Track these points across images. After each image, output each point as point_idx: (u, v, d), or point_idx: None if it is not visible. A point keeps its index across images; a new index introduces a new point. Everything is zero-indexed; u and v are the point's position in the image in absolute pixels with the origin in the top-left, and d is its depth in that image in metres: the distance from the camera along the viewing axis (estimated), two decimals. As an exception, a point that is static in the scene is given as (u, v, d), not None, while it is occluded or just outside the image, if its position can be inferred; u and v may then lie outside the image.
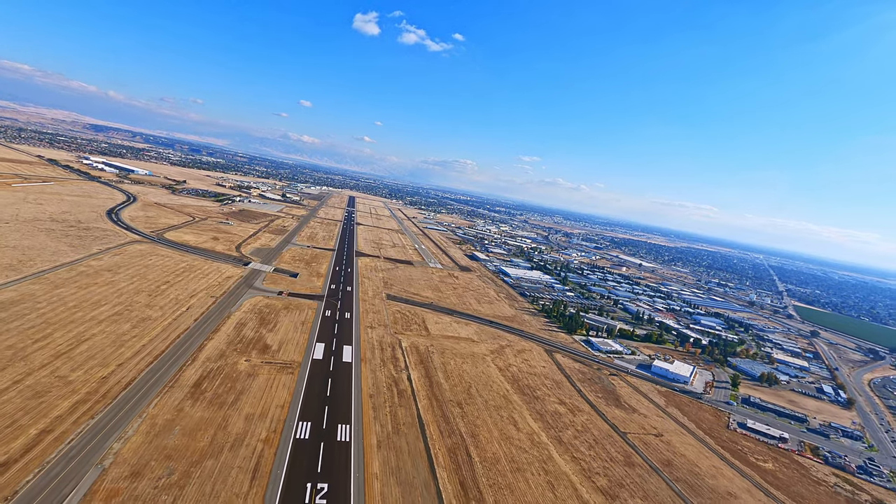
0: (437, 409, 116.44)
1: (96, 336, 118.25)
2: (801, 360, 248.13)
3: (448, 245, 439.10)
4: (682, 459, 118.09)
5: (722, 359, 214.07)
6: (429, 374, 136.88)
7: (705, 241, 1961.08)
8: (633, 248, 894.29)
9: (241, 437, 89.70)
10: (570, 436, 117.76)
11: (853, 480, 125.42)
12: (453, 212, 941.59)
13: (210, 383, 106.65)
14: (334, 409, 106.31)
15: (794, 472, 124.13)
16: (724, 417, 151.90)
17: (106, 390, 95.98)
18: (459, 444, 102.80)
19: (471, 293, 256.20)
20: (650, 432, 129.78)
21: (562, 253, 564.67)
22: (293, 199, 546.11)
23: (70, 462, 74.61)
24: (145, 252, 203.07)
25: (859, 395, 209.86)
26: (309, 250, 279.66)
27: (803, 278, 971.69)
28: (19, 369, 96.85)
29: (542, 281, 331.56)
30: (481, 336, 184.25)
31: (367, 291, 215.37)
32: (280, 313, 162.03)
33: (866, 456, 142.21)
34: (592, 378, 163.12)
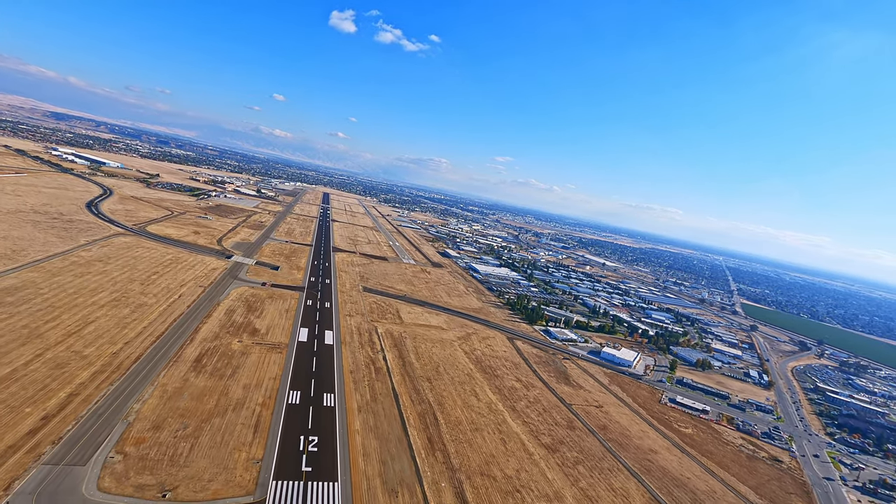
0: (409, 383, 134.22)
1: (100, 318, 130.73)
2: (737, 350, 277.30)
3: (421, 242, 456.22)
4: (616, 425, 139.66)
5: (665, 347, 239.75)
6: (402, 356, 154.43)
7: (670, 243, 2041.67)
8: (599, 248, 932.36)
9: (242, 401, 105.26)
10: (522, 406, 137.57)
11: (757, 442, 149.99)
12: (427, 210, 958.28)
13: (209, 359, 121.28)
14: (320, 382, 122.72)
15: (708, 435, 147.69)
16: (658, 394, 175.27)
17: (118, 363, 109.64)
18: (428, 410, 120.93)
19: (442, 287, 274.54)
20: (592, 404, 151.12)
21: (530, 252, 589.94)
22: (268, 195, 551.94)
23: (99, 418, 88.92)
24: (131, 244, 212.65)
25: (780, 379, 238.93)
26: (288, 245, 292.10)
27: (756, 279, 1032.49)
28: (38, 345, 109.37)
29: (509, 277, 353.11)
30: (450, 325, 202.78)
31: (345, 284, 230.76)
32: (265, 302, 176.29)
33: (773, 425, 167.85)
34: (547, 361, 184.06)
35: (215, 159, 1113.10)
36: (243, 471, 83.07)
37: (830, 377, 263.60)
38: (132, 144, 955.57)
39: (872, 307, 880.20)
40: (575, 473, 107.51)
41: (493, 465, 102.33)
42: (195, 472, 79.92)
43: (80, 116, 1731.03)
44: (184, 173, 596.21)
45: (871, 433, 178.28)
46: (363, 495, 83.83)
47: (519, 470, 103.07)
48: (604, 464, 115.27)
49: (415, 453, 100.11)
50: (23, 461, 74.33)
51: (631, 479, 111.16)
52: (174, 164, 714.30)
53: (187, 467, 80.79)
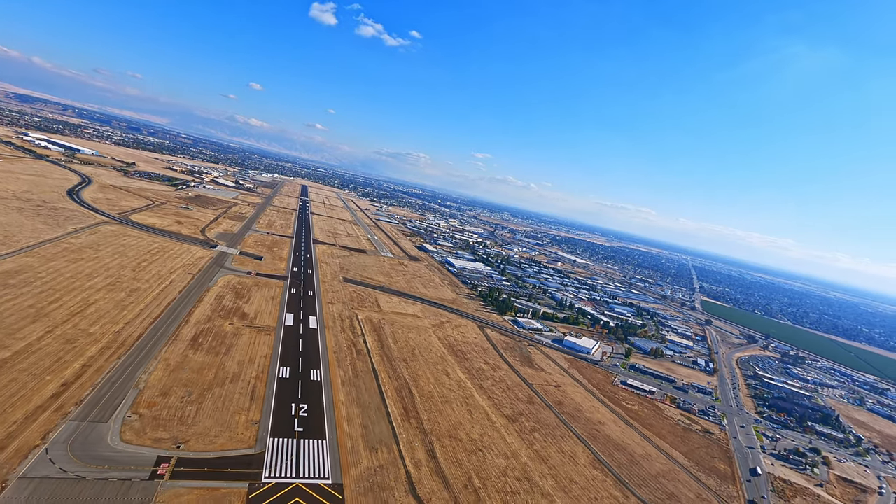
0: (387, 363, 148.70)
1: (99, 301, 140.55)
2: (689, 342, 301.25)
3: (399, 237, 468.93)
4: (571, 402, 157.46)
5: (623, 337, 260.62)
6: (381, 340, 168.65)
7: (641, 242, 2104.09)
8: (572, 245, 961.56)
9: (237, 374, 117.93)
10: (489, 384, 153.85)
11: (693, 418, 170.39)
12: (405, 205, 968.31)
13: (205, 339, 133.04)
14: (307, 360, 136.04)
15: (651, 412, 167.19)
16: (611, 377, 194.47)
17: (122, 340, 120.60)
18: (404, 385, 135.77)
19: (418, 279, 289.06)
20: (551, 384, 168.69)
21: (505, 248, 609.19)
22: (247, 187, 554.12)
23: (113, 385, 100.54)
24: (118, 233, 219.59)
25: (725, 367, 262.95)
26: (269, 237, 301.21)
27: (719, 278, 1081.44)
28: (46, 323, 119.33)
29: (483, 272, 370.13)
30: (425, 313, 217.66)
31: (326, 274, 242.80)
32: (252, 289, 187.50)
33: (710, 404, 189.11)
34: (514, 347, 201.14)
35: (190, 148, 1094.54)
36: (244, 430, 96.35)
37: (770, 366, 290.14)
38: (103, 130, 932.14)
39: (824, 306, 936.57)
40: (531, 438, 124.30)
41: (459, 430, 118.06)
42: (202, 430, 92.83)
43: (46, 99, 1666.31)
44: (159, 162, 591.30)
45: (795, 412, 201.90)
46: (348, 450, 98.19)
47: (482, 434, 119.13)
48: (556, 432, 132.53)
49: (392, 420, 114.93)
50: (52, 418, 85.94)
51: (579, 444, 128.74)
52: (149, 152, 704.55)
53: (195, 426, 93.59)
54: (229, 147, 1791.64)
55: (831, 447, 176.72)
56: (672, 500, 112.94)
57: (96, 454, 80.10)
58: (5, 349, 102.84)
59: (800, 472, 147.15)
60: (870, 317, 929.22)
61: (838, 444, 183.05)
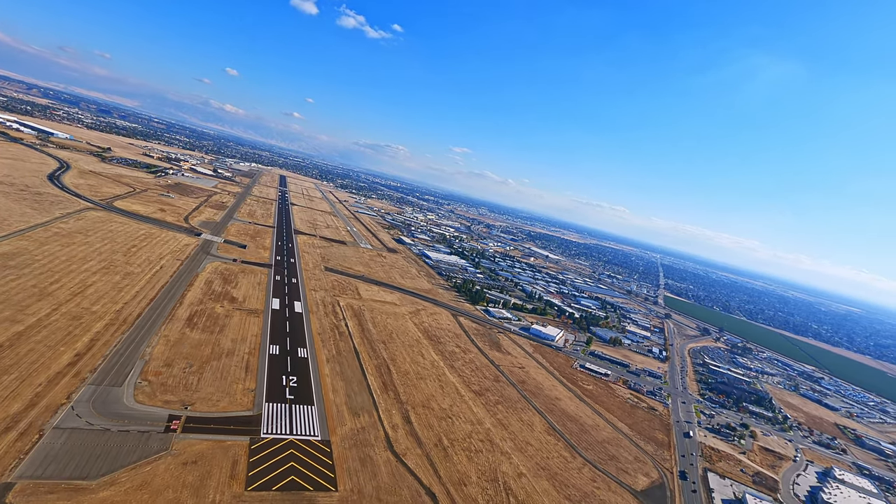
0: (367, 344, 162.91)
1: (97, 283, 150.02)
2: (647, 333, 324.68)
3: (378, 229, 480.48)
4: (533, 381, 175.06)
5: (586, 327, 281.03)
6: (361, 324, 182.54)
7: (614, 240, 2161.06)
8: (546, 241, 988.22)
9: (232, 350, 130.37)
10: (459, 364, 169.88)
11: (641, 397, 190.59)
12: (383, 197, 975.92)
13: (199, 319, 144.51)
14: (294, 340, 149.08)
15: (605, 391, 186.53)
16: (571, 361, 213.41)
17: (124, 318, 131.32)
18: (382, 363, 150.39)
19: (396, 270, 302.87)
20: (516, 366, 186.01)
21: (480, 242, 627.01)
22: (225, 176, 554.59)
23: (122, 356, 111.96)
24: (104, 219, 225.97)
25: (677, 355, 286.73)
26: (251, 226, 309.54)
27: (685, 276, 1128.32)
28: (51, 301, 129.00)
29: (459, 264, 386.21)
30: (403, 302, 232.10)
31: (308, 263, 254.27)
32: (239, 276, 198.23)
33: (658, 387, 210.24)
34: (484, 334, 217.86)
35: (163, 133, 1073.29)
36: (242, 396, 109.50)
37: (719, 356, 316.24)
38: (73, 113, 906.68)
39: (780, 304, 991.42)
40: (494, 410, 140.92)
41: (432, 401, 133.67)
42: (206, 395, 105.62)
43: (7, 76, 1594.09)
44: (135, 148, 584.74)
45: (733, 395, 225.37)
46: (334, 415, 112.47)
47: (452, 405, 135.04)
48: (518, 405, 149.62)
49: (372, 391, 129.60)
50: (72, 382, 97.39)
51: (536, 415, 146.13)
52: (123, 137, 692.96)
53: (199, 392, 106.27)
54: (204, 133, 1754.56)
55: (760, 424, 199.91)
56: (613, 460, 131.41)
57: (115, 412, 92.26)
58: (19, 323, 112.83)
59: (728, 443, 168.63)
60: (822, 315, 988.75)
61: (767, 421, 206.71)
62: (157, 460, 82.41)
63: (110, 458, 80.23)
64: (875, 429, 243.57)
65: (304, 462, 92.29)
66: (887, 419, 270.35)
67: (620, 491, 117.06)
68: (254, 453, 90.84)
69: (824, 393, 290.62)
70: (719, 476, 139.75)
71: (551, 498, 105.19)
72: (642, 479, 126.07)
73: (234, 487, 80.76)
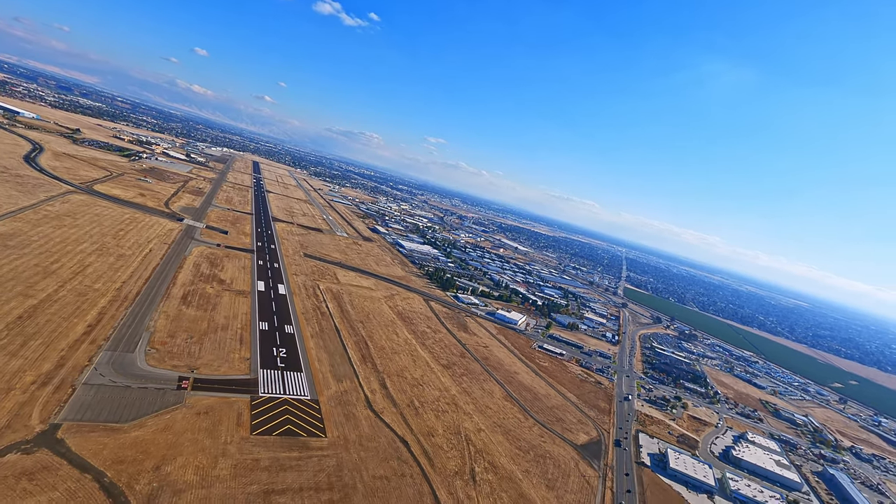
0: (346, 323, 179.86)
1: (94, 263, 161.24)
2: (604, 319, 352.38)
3: (353, 218, 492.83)
4: (496, 358, 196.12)
5: (547, 313, 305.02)
6: (340, 305, 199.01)
7: (583, 233, 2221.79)
8: (516, 233, 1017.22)
9: (226, 325, 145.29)
10: (430, 342, 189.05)
11: (591, 374, 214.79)
12: (357, 186, 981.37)
13: (193, 298, 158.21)
14: (280, 317, 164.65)
15: (559, 368, 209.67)
16: (531, 343, 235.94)
17: (124, 295, 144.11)
18: (361, 339, 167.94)
19: (371, 258, 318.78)
20: (481, 345, 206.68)
21: (452, 233, 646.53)
22: (199, 161, 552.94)
23: (129, 328, 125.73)
24: (88, 202, 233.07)
25: (628, 340, 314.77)
26: (230, 213, 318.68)
27: (647, 269, 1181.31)
28: (56, 279, 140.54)
29: (431, 254, 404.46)
30: (378, 287, 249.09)
31: (288, 250, 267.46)
32: (224, 260, 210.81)
33: (607, 365, 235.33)
34: (453, 317, 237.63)
35: (129, 114, 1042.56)
36: (239, 363, 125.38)
37: (666, 341, 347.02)
38: (32, 89, 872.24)
39: (733, 297, 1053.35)
40: (460, 380, 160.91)
41: (405, 372, 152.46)
42: (207, 362, 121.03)
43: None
44: (104, 129, 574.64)
45: (673, 373, 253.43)
46: (320, 380, 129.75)
47: (423, 375, 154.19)
48: (481, 377, 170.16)
49: (353, 362, 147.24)
50: (90, 348, 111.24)
51: (497, 385, 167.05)
52: (90, 117, 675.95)
53: (201, 359, 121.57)
54: (171, 115, 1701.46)
55: (693, 398, 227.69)
56: (560, 422, 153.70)
57: (132, 372, 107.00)
58: (32, 297, 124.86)
59: (662, 411, 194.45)
60: (770, 307, 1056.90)
61: (700, 396, 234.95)
62: (175, 410, 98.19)
63: (135, 407, 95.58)
64: (794, 404, 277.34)
65: (297, 416, 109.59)
66: (806, 397, 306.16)
67: (563, 444, 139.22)
68: (254, 408, 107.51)
69: (756, 374, 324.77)
70: (648, 436, 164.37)
71: (504, 448, 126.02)
72: (583, 436, 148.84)
73: (241, 432, 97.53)
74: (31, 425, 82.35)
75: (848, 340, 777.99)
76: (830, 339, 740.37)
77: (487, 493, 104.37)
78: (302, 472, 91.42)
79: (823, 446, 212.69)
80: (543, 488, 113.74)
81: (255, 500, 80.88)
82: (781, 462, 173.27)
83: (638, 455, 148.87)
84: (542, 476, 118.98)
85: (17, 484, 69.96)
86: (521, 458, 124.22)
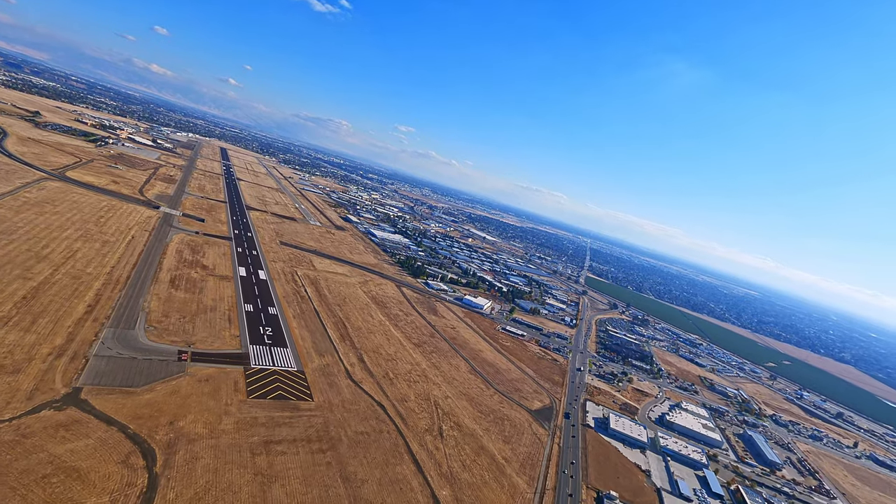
0: (325, 306, 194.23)
1: (82, 249, 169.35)
2: (564, 305, 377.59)
3: (325, 207, 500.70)
4: (462, 338, 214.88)
5: (511, 299, 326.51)
6: (318, 290, 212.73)
7: (550, 224, 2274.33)
8: (485, 223, 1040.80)
9: (214, 307, 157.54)
10: (402, 324, 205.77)
11: (548, 353, 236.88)
12: (327, 175, 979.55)
13: (180, 282, 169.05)
14: (263, 300, 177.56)
15: (519, 347, 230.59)
16: (495, 325, 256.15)
17: (116, 279, 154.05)
18: (339, 321, 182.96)
19: (345, 246, 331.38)
20: (449, 327, 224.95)
21: (423, 223, 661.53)
22: (166, 147, 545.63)
23: (126, 308, 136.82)
24: (64, 190, 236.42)
25: (585, 324, 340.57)
26: (205, 201, 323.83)
27: (609, 259, 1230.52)
28: (49, 263, 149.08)
29: (402, 243, 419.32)
30: (352, 273, 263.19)
31: (264, 238, 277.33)
32: (204, 247, 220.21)
33: (564, 345, 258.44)
34: (423, 301, 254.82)
35: (87, 95, 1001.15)
36: (230, 339, 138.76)
37: (620, 325, 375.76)
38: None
39: (688, 286, 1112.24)
40: (429, 356, 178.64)
41: (380, 349, 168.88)
42: (202, 338, 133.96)
43: None
44: (64, 112, 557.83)
45: (623, 353, 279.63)
46: (304, 354, 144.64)
47: (396, 352, 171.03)
48: (448, 354, 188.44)
49: (332, 340, 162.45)
50: (94, 326, 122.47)
51: (463, 361, 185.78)
52: (47, 99, 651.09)
53: (195, 336, 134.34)
54: (130, 96, 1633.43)
55: (639, 374, 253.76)
56: (517, 392, 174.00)
57: (136, 346, 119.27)
58: (31, 280, 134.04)
59: (609, 384, 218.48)
60: (722, 296, 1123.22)
61: (645, 372, 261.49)
62: (179, 378, 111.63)
63: (144, 375, 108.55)
64: (729, 380, 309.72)
65: (286, 384, 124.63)
66: (741, 374, 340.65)
67: (519, 409, 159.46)
68: (248, 377, 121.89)
69: (698, 355, 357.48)
70: (595, 404, 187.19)
71: (468, 411, 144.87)
72: (537, 403, 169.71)
73: (239, 396, 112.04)
74: (57, 388, 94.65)
75: (789, 326, 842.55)
76: (773, 325, 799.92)
77: (453, 445, 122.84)
78: (294, 427, 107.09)
79: (748, 414, 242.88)
80: (500, 442, 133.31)
81: (257, 448, 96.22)
82: (707, 425, 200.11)
83: (584, 419, 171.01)
84: (500, 433, 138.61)
85: (57, 433, 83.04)
86: (482, 419, 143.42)
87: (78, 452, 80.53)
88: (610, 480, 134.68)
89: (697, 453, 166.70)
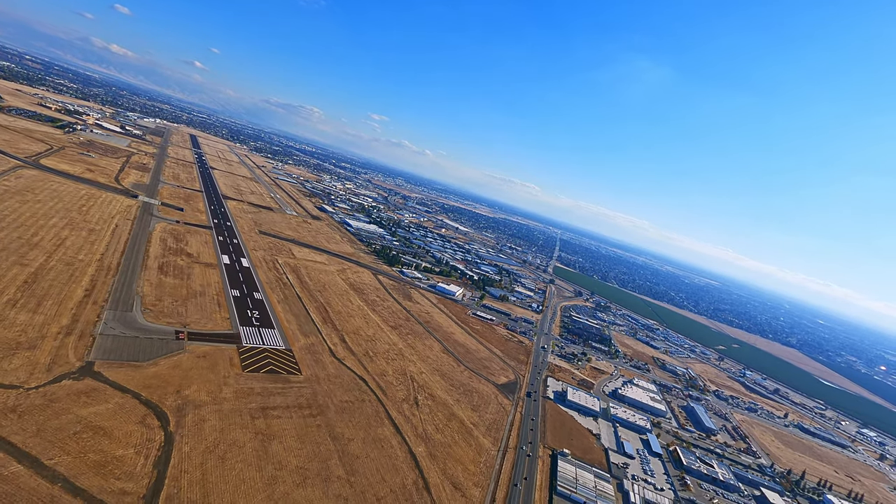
0: (306, 292, 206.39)
1: (70, 237, 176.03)
2: (531, 293, 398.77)
3: (300, 197, 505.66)
4: (435, 322, 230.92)
5: (482, 286, 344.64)
6: (299, 277, 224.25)
7: (522, 215, 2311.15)
8: (458, 214, 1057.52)
9: (203, 292, 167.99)
10: (379, 308, 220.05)
11: (515, 335, 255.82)
12: (300, 163, 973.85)
13: (168, 269, 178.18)
14: (248, 286, 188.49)
15: (488, 330, 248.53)
16: (467, 311, 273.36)
17: (108, 265, 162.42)
18: (320, 305, 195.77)
19: (322, 235, 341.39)
20: (423, 312, 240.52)
21: (397, 213, 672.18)
22: (135, 133, 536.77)
23: (121, 292, 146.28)
24: (41, 178, 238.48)
25: (550, 310, 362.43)
26: (181, 190, 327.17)
27: (578, 250, 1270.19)
28: (42, 250, 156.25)
29: (377, 232, 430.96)
30: (330, 262, 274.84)
31: (244, 227, 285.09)
32: (186, 235, 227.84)
33: (530, 329, 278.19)
34: (399, 288, 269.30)
35: (44, 76, 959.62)
36: (221, 321, 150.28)
37: (584, 311, 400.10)
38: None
39: (652, 276, 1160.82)
40: (406, 338, 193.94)
41: (360, 331, 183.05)
42: (195, 320, 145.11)
43: None
44: (26, 96, 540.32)
45: (584, 336, 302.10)
46: (291, 335, 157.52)
47: (375, 333, 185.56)
48: (423, 336, 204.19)
49: (315, 323, 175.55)
50: (94, 308, 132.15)
51: (436, 342, 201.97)
52: (5, 80, 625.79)
53: (188, 317, 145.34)
54: (90, 78, 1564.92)
55: (598, 355, 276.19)
56: (486, 369, 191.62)
57: (136, 326, 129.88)
58: (28, 266, 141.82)
59: (569, 363, 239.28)
60: (683, 285, 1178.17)
61: (604, 353, 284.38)
62: (179, 354, 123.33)
63: (147, 351, 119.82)
64: (679, 360, 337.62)
65: (276, 360, 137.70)
66: (692, 355, 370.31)
67: (487, 384, 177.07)
68: (242, 354, 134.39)
69: (654, 338, 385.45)
70: (555, 380, 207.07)
71: (441, 385, 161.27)
72: (503, 379, 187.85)
73: (235, 370, 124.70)
74: (72, 362, 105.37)
75: (743, 314, 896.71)
76: (728, 312, 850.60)
77: (427, 412, 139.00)
78: (287, 396, 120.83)
79: (693, 389, 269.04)
80: (469, 410, 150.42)
81: (256, 412, 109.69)
82: (655, 398, 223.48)
83: (545, 392, 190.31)
84: (469, 403, 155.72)
85: (79, 399, 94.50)
86: (453, 391, 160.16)
87: (101, 414, 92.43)
88: (564, 441, 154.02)
89: (643, 421, 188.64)
